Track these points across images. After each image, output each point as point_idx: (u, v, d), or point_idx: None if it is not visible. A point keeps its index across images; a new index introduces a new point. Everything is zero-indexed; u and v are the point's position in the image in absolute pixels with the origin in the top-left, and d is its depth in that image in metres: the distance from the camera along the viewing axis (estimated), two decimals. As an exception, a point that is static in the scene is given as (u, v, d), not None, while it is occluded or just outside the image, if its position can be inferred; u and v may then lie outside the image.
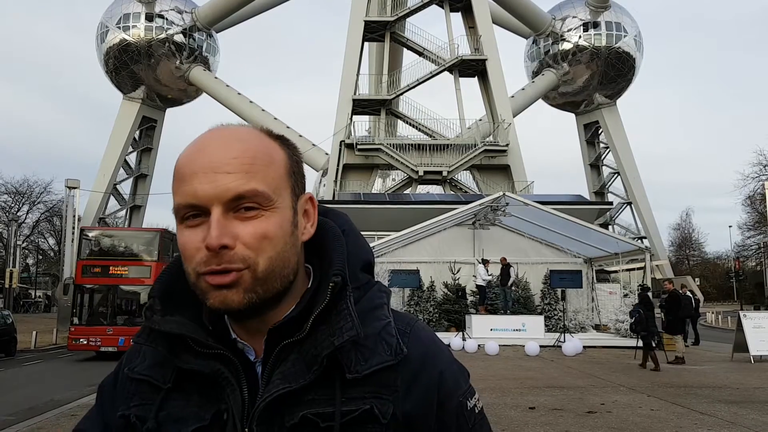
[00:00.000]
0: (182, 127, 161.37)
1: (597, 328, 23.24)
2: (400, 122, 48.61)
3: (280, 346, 0.96)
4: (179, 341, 0.98)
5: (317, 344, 0.94)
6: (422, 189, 45.57)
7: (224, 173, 0.91)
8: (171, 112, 67.26)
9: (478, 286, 22.05)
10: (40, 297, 64.54)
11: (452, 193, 42.49)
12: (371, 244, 1.14)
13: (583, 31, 58.45)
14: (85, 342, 20.06)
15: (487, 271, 22.10)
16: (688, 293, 23.13)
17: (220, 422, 0.95)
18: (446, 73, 44.58)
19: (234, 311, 0.94)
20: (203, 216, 0.92)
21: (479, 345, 18.64)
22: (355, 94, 44.09)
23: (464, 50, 45.17)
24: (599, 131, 65.43)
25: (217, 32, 61.23)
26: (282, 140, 1.02)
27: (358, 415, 0.94)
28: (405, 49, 47.23)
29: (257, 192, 0.92)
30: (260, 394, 0.95)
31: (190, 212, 0.93)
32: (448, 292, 22.85)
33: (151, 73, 59.05)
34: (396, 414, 0.96)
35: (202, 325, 0.99)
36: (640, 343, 15.56)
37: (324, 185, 45.14)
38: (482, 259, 22.27)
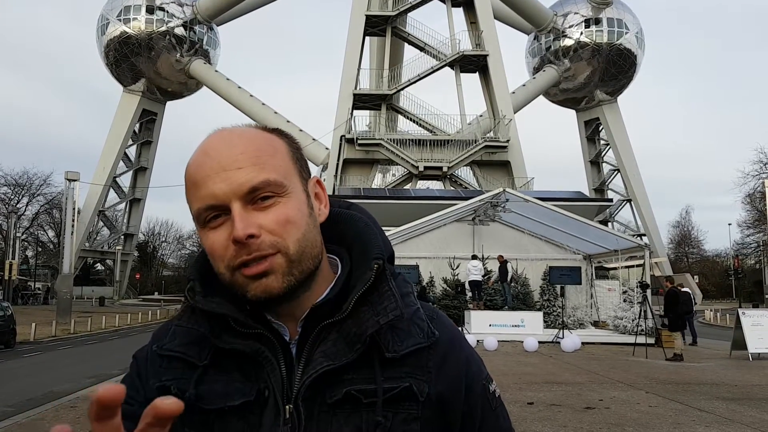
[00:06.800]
0: (182, 120, 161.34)
1: (596, 324, 23.26)
2: (400, 117, 48.54)
3: (321, 325, 0.99)
4: (219, 322, 1.01)
5: (360, 323, 0.98)
6: (422, 184, 45.55)
7: (235, 169, 0.95)
8: (171, 105, 67.26)
9: (472, 282, 21.98)
10: (39, 289, 64.56)
11: (452, 188, 42.46)
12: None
13: (585, 28, 58.33)
14: None
15: (482, 263, 22.19)
16: (687, 290, 23.16)
17: (261, 399, 0.98)
18: (447, 68, 44.49)
19: (276, 297, 0.97)
20: (224, 215, 0.96)
21: (478, 340, 18.63)
22: (355, 88, 44.02)
23: (465, 46, 45.07)
24: (600, 128, 65.40)
25: (217, 25, 61.07)
26: (278, 131, 1.06)
27: (399, 392, 0.98)
28: (406, 44, 47.13)
29: (270, 181, 0.96)
30: (301, 371, 0.98)
31: (211, 214, 0.96)
32: (448, 288, 22.88)
33: (151, 65, 58.92)
34: (430, 394, 1.00)
35: (240, 305, 1.02)
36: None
37: (324, 180, 44.94)
38: (474, 255, 22.37)
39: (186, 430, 0.98)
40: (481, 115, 49.28)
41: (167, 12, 57.69)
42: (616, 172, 64.76)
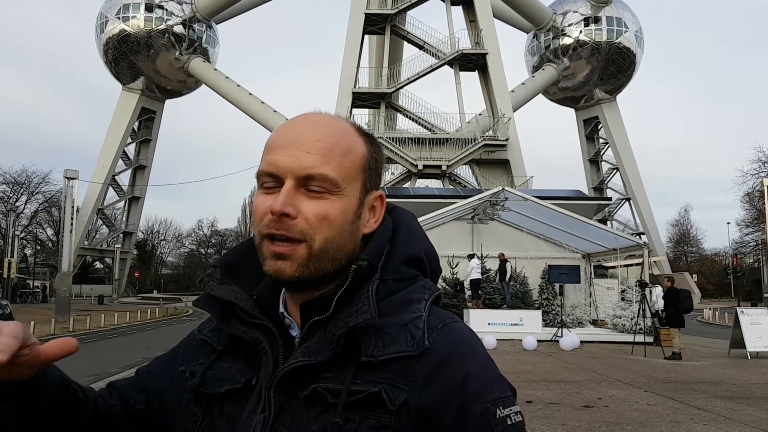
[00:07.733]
0: (182, 118, 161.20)
1: (594, 323, 23.27)
2: (399, 116, 48.52)
3: (310, 322, 1.02)
4: (230, 309, 1.07)
5: (337, 324, 0.99)
6: (421, 183, 45.56)
7: (304, 152, 1.00)
8: (170, 104, 67.16)
9: (473, 280, 21.99)
10: (38, 287, 64.52)
11: (451, 187, 42.47)
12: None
13: (584, 26, 58.32)
14: None
15: (481, 262, 22.19)
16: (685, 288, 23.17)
17: (249, 387, 1.03)
18: (446, 66, 44.48)
19: (286, 282, 1.02)
20: (278, 186, 1.01)
21: (476, 339, 18.67)
22: (355, 87, 44.01)
23: (465, 44, 45.09)
24: (599, 127, 65.40)
25: (216, 23, 61.00)
26: (369, 137, 1.10)
27: (365, 396, 0.96)
28: (405, 43, 47.12)
29: (327, 177, 1.00)
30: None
31: (268, 180, 1.02)
32: (447, 287, 22.87)
33: (150, 64, 58.84)
34: (409, 404, 0.95)
35: (253, 297, 1.08)
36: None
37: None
38: (471, 254, 22.38)
39: (194, 409, 1.07)
40: (480, 114, 49.27)
41: (166, 10, 57.62)
42: (615, 170, 64.77)
